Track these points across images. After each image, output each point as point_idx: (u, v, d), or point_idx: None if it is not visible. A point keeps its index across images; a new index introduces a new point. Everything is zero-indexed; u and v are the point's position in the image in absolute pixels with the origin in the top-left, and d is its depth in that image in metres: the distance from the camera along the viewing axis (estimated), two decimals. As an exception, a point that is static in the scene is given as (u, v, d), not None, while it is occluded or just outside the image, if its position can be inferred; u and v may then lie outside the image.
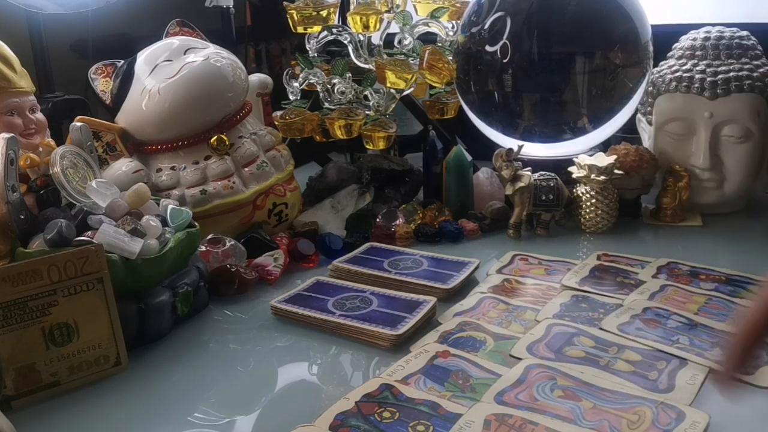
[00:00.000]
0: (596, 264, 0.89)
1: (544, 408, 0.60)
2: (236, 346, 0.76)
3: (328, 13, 1.12)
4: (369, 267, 0.89)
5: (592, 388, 0.62)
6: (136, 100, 0.95)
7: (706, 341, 0.70)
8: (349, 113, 1.11)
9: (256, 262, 0.91)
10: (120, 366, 0.70)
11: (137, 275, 0.73)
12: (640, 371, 0.65)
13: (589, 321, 0.75)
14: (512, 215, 1.02)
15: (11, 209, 0.75)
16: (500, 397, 0.61)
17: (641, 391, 0.62)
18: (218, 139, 0.94)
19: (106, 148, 0.95)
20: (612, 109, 1.09)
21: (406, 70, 1.08)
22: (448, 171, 1.09)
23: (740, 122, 1.01)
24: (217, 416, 0.63)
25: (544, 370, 0.65)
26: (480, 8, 1.11)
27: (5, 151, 0.74)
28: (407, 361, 0.68)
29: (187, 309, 0.79)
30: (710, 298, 0.79)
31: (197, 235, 0.81)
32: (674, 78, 1.05)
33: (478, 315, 0.78)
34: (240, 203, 0.95)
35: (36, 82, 0.96)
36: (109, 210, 0.77)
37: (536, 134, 1.11)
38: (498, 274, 0.88)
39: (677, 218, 1.05)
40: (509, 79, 1.07)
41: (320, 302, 0.80)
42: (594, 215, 1.01)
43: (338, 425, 0.58)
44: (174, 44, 0.98)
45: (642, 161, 1.04)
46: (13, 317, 0.63)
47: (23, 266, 0.64)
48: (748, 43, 1.06)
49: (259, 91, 1.12)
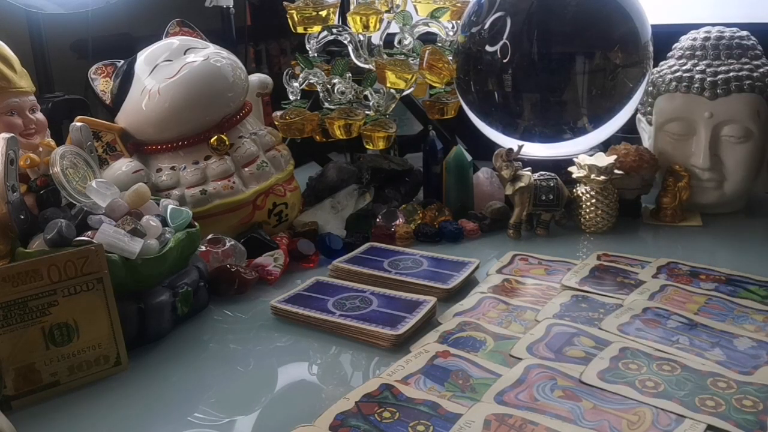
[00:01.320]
0: (596, 264, 0.89)
1: (544, 408, 0.60)
2: (236, 346, 0.76)
3: (328, 13, 1.12)
4: (369, 267, 0.89)
5: (592, 388, 0.62)
6: (136, 100, 0.95)
7: (706, 341, 0.70)
8: (349, 113, 1.11)
9: (256, 262, 0.91)
10: (120, 366, 0.70)
11: (137, 275, 0.73)
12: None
13: (589, 321, 0.75)
14: (512, 215, 1.02)
15: (11, 209, 0.75)
16: (500, 397, 0.61)
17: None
18: (218, 139, 0.94)
19: (106, 148, 0.95)
20: (612, 109, 1.09)
21: (406, 70, 1.08)
22: (448, 171, 1.09)
23: (740, 122, 1.01)
24: (217, 416, 0.63)
25: (544, 370, 0.65)
26: (480, 8, 1.11)
27: (5, 151, 0.74)
28: (407, 361, 0.68)
29: (187, 309, 0.79)
30: (710, 298, 0.79)
31: (197, 235, 0.81)
32: (674, 78, 1.05)
33: (478, 315, 0.78)
34: (240, 203, 0.95)
35: (36, 82, 0.96)
36: (109, 210, 0.77)
37: (536, 134, 1.11)
38: (498, 274, 0.88)
39: (677, 218, 1.05)
40: (509, 79, 1.07)
41: (320, 302, 0.80)
42: (594, 215, 1.01)
43: (338, 425, 0.58)
44: (174, 44, 0.98)
45: (642, 161, 1.04)
46: (13, 317, 0.63)
47: (23, 266, 0.64)
48: (748, 43, 1.06)
49: (259, 91, 1.12)
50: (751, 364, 0.65)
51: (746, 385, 0.62)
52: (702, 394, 0.61)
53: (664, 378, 0.63)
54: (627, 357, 0.67)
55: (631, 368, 0.65)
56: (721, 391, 0.61)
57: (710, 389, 0.62)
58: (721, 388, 0.62)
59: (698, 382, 0.63)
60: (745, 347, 0.68)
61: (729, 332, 0.71)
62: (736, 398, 0.60)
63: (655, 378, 0.63)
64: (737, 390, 0.61)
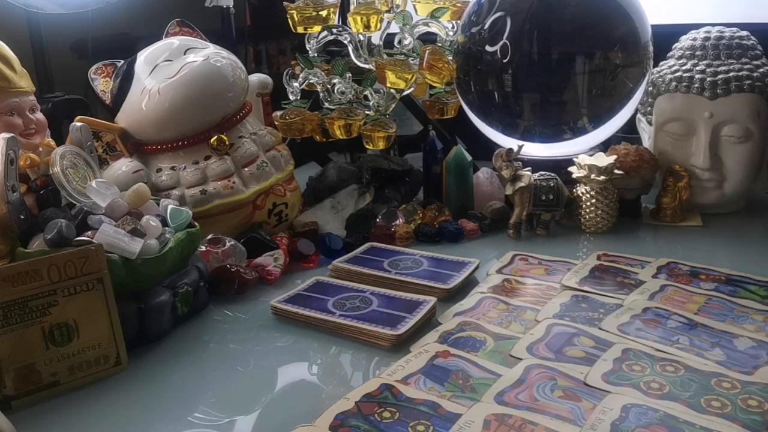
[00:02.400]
0: (596, 264, 0.89)
1: (544, 408, 0.60)
2: (236, 346, 0.76)
3: (328, 13, 1.12)
4: (369, 267, 0.89)
5: (592, 388, 0.62)
6: (136, 100, 0.95)
7: (706, 341, 0.70)
8: (349, 113, 1.11)
9: (256, 262, 0.91)
10: (120, 366, 0.70)
11: (137, 275, 0.73)
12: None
13: (589, 321, 0.75)
14: (512, 215, 1.02)
15: (11, 209, 0.75)
16: (500, 397, 0.61)
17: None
18: (218, 139, 0.94)
19: (106, 148, 0.95)
20: (612, 109, 1.09)
21: (406, 70, 1.08)
22: (448, 171, 1.09)
23: (740, 122, 1.01)
24: (217, 416, 0.63)
25: (544, 370, 0.65)
26: (480, 8, 1.11)
27: (5, 151, 0.74)
28: (407, 361, 0.68)
29: (187, 309, 0.79)
30: (710, 298, 0.79)
31: (197, 235, 0.81)
32: (674, 78, 1.05)
33: (478, 315, 0.78)
34: (240, 203, 0.95)
35: (36, 82, 0.96)
36: (109, 210, 0.77)
37: (536, 134, 1.11)
38: (498, 274, 0.88)
39: (677, 218, 1.05)
40: (509, 79, 1.07)
41: (320, 302, 0.80)
42: (594, 215, 1.01)
43: (338, 425, 0.58)
44: (174, 44, 0.98)
45: (642, 161, 1.04)
46: (13, 317, 0.63)
47: (23, 266, 0.64)
48: (748, 43, 1.06)
49: (259, 91, 1.12)
50: (751, 364, 0.65)
51: (750, 385, 0.62)
52: (707, 394, 0.61)
53: (668, 379, 0.63)
54: (630, 358, 0.67)
55: (635, 370, 0.65)
56: (726, 392, 0.61)
57: (715, 390, 0.61)
58: (725, 388, 0.62)
59: (702, 383, 0.62)
60: (745, 347, 0.68)
61: (729, 332, 0.71)
62: (741, 398, 0.60)
63: (660, 379, 0.63)
64: (742, 390, 0.61)
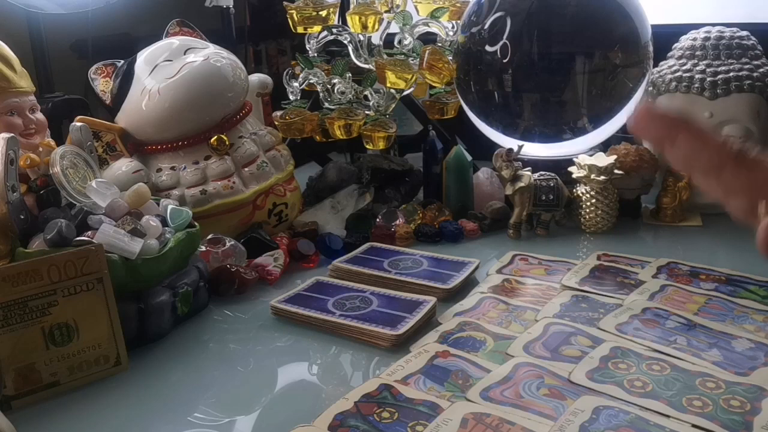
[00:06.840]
0: (596, 264, 0.89)
1: (527, 405, 0.60)
2: (236, 346, 0.76)
3: (328, 13, 1.12)
4: (369, 267, 0.89)
5: (579, 387, 0.62)
6: (136, 100, 0.95)
7: (704, 342, 0.70)
8: (349, 113, 1.11)
9: (256, 262, 0.91)
10: (120, 366, 0.70)
11: (137, 275, 0.73)
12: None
13: (588, 321, 0.75)
14: (512, 215, 1.02)
15: (11, 209, 0.75)
16: (486, 393, 0.62)
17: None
18: (218, 139, 0.94)
19: (106, 148, 0.95)
20: (612, 109, 1.09)
21: (406, 70, 1.08)
22: (448, 171, 1.09)
23: (740, 122, 1.01)
24: (217, 416, 0.63)
25: (532, 368, 0.65)
26: (480, 8, 1.11)
27: (5, 151, 0.74)
28: (407, 361, 0.68)
29: (187, 309, 0.79)
30: (710, 298, 0.79)
31: (197, 235, 0.81)
32: (674, 78, 1.05)
33: (478, 315, 0.78)
34: (240, 203, 0.95)
35: (36, 82, 0.96)
36: (109, 210, 0.77)
37: (536, 134, 1.11)
38: (498, 274, 0.88)
39: (677, 218, 1.05)
40: (509, 79, 1.07)
41: (320, 302, 0.80)
42: (594, 215, 1.01)
43: (337, 425, 0.58)
44: (174, 44, 0.98)
45: (642, 161, 1.04)
46: (13, 317, 0.63)
47: (23, 266, 0.64)
48: (748, 43, 1.06)
49: (259, 91, 1.12)
50: (748, 365, 0.65)
51: (735, 386, 0.62)
52: (690, 394, 0.61)
53: (652, 378, 0.63)
54: (617, 356, 0.67)
55: (621, 368, 0.65)
56: (709, 392, 0.61)
57: (698, 389, 0.61)
58: (709, 388, 0.62)
59: (687, 382, 0.62)
60: (743, 348, 0.68)
61: (728, 333, 0.71)
62: (724, 398, 0.60)
63: (644, 378, 0.63)
64: (725, 390, 0.61)
